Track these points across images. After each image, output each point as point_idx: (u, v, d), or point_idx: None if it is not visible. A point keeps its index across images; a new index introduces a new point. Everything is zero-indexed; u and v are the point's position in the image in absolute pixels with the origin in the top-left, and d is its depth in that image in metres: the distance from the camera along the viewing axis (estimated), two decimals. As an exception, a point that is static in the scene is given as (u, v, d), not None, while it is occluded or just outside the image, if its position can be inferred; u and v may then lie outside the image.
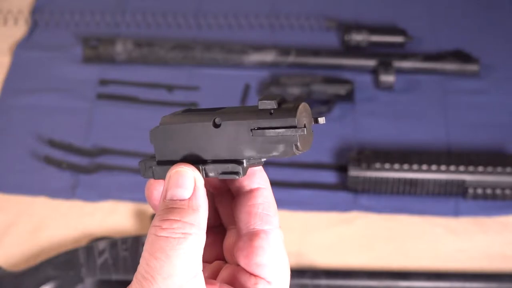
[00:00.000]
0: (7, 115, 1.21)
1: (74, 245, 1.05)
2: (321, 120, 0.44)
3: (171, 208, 0.43)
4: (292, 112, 0.43)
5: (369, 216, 1.09)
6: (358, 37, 1.28)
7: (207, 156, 0.45)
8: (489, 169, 1.08)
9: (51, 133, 1.17)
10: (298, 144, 0.43)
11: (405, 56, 1.25)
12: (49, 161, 1.13)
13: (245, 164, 0.45)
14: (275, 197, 1.16)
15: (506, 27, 1.34)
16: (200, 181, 0.44)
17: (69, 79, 1.25)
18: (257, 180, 0.46)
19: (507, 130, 1.19)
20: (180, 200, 0.43)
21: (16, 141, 1.17)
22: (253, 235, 0.46)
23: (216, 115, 0.45)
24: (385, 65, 1.23)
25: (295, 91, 1.20)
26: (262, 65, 1.26)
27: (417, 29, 1.32)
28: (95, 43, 1.27)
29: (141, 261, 0.42)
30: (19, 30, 1.34)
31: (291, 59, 1.25)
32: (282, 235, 0.47)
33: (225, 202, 0.49)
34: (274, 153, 0.44)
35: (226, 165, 0.45)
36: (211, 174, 0.45)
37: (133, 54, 1.25)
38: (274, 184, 1.14)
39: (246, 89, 1.23)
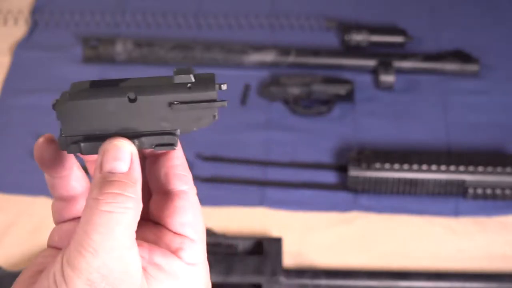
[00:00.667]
0: (7, 115, 1.21)
1: (74, 245, 1.05)
2: (223, 86, 0.45)
3: (111, 181, 0.43)
4: (210, 85, 0.45)
5: (369, 216, 1.09)
6: (358, 37, 1.28)
7: (123, 129, 0.46)
8: (489, 169, 1.08)
9: (51, 133, 1.17)
10: (216, 114, 0.45)
11: (405, 56, 1.25)
12: (49, 161, 1.13)
13: (178, 134, 0.46)
14: (275, 197, 1.16)
15: (506, 27, 1.34)
16: (136, 155, 0.45)
17: (69, 79, 1.24)
18: None
19: (507, 130, 1.19)
20: (120, 173, 0.43)
21: (16, 141, 1.17)
22: (174, 195, 0.47)
23: (129, 89, 0.45)
24: (385, 65, 1.23)
25: (295, 91, 1.20)
26: (262, 65, 1.26)
27: (417, 29, 1.32)
28: (95, 43, 1.27)
29: (81, 233, 0.42)
30: (19, 30, 1.34)
31: (291, 59, 1.25)
32: (196, 191, 0.49)
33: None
34: (193, 124, 0.45)
35: (161, 137, 0.46)
36: (145, 147, 0.46)
37: (133, 54, 1.25)
38: (274, 184, 1.14)
39: (246, 89, 1.23)
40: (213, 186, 1.11)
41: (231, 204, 1.10)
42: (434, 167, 1.08)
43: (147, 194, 0.49)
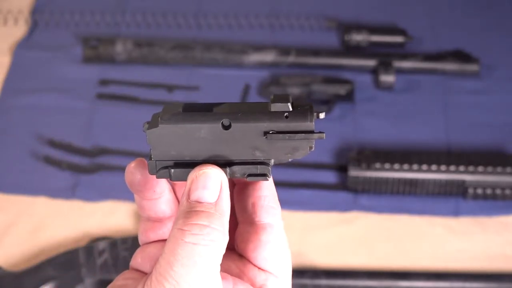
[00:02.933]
0: (7, 115, 1.21)
1: (74, 245, 1.05)
2: (322, 115, 0.44)
3: (198, 211, 0.41)
4: (308, 116, 0.43)
5: (369, 216, 1.09)
6: (358, 37, 1.28)
7: (214, 156, 0.44)
8: (489, 169, 1.08)
9: (51, 133, 1.17)
10: (313, 145, 0.44)
11: (405, 56, 1.25)
12: (49, 161, 1.13)
13: (272, 164, 0.44)
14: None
15: (506, 27, 1.34)
16: (226, 184, 0.43)
17: (69, 79, 1.25)
18: None
19: (507, 130, 1.19)
20: (207, 203, 0.42)
21: (16, 141, 1.17)
22: (259, 228, 0.45)
23: (223, 115, 0.43)
24: (385, 65, 1.23)
25: (295, 91, 1.20)
26: (262, 65, 1.26)
27: (417, 29, 1.32)
28: (95, 43, 1.27)
29: (163, 263, 0.41)
30: (19, 30, 1.34)
31: (291, 59, 1.25)
32: (283, 224, 0.47)
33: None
34: (288, 155, 0.44)
35: (255, 166, 0.44)
36: (237, 176, 0.44)
37: (133, 54, 1.25)
38: (275, 184, 1.14)
39: (246, 89, 1.23)
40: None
41: (231, 204, 1.10)
42: (434, 167, 1.08)
43: (233, 223, 0.47)
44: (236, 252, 0.47)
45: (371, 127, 1.19)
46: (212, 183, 0.42)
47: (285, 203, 1.10)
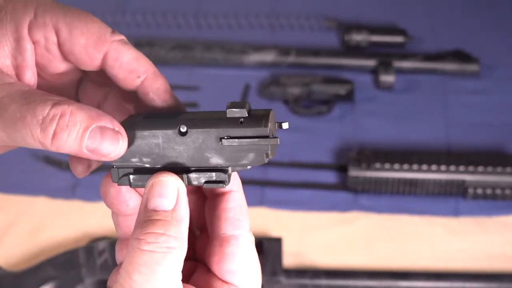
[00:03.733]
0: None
1: (74, 245, 1.05)
2: (285, 125, 0.44)
3: (154, 220, 0.41)
4: (263, 121, 0.43)
5: (369, 216, 1.09)
6: (358, 37, 1.28)
7: (173, 163, 0.44)
8: (489, 169, 1.08)
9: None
10: (269, 152, 0.43)
11: (405, 56, 1.25)
12: (49, 161, 1.13)
13: (229, 172, 0.44)
14: (274, 197, 1.15)
15: (506, 27, 1.34)
16: (183, 191, 0.43)
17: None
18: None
19: (507, 130, 1.19)
20: (163, 211, 0.42)
21: (16, 141, 1.17)
22: (223, 240, 0.45)
23: (181, 122, 0.44)
24: (385, 65, 1.23)
25: (295, 91, 1.20)
26: (262, 65, 1.26)
27: (417, 29, 1.32)
28: (95, 43, 1.26)
29: (123, 273, 0.41)
30: (19, 30, 1.34)
31: (291, 59, 1.25)
32: (253, 238, 0.46)
33: (195, 202, 0.49)
34: (244, 162, 0.43)
35: (211, 173, 0.44)
36: (194, 183, 0.44)
37: (133, 54, 1.25)
38: (274, 184, 1.14)
39: (246, 89, 1.23)
40: (213, 186, 1.11)
41: (231, 204, 1.10)
42: (434, 167, 1.08)
43: (207, 236, 0.47)
44: (207, 266, 0.47)
45: (371, 127, 1.19)
46: (168, 191, 0.42)
47: (285, 203, 1.10)
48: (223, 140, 0.43)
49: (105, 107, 0.48)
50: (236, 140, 0.43)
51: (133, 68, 0.45)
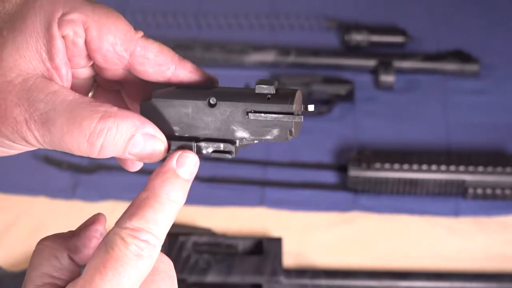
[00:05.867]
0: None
1: (74, 245, 1.05)
2: (310, 107, 0.45)
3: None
4: (290, 98, 0.45)
5: (369, 216, 1.09)
6: (358, 37, 1.28)
7: (199, 133, 0.46)
8: (489, 169, 1.08)
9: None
10: (293, 129, 0.45)
11: (405, 56, 1.25)
12: (49, 161, 1.13)
13: (237, 144, 0.46)
14: (274, 197, 1.15)
15: (506, 27, 1.34)
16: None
17: (69, 79, 1.25)
18: None
19: (507, 130, 1.19)
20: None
21: (16, 141, 1.17)
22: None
23: (211, 94, 0.46)
24: (385, 65, 1.23)
25: (295, 91, 1.20)
26: (262, 65, 1.26)
27: (417, 29, 1.32)
28: (95, 43, 1.26)
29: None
30: (19, 30, 1.34)
31: (291, 59, 1.25)
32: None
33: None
34: (268, 137, 0.45)
35: (219, 143, 0.46)
36: (203, 152, 0.46)
37: (133, 54, 1.25)
38: (274, 184, 1.14)
39: (246, 89, 1.23)
40: (213, 186, 1.11)
41: (231, 204, 1.10)
42: (434, 167, 1.08)
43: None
44: None
45: (371, 127, 1.19)
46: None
47: (285, 203, 1.10)
48: (249, 114, 0.45)
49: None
50: (262, 114, 0.45)
51: (161, 61, 0.46)
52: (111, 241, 0.43)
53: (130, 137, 0.43)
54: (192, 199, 1.10)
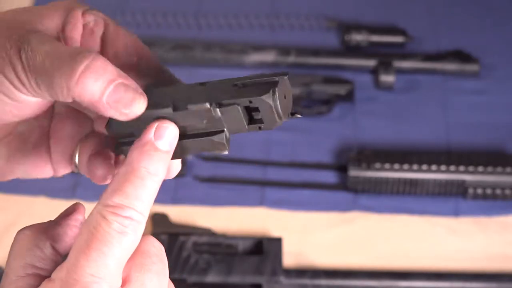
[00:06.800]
0: (7, 115, 1.21)
1: (74, 245, 1.05)
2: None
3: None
4: (276, 77, 0.44)
5: (369, 216, 1.09)
6: (358, 37, 1.28)
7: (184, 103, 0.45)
8: (489, 169, 1.08)
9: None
10: (280, 112, 0.45)
11: (405, 56, 1.25)
12: (49, 161, 1.13)
13: (228, 136, 0.46)
14: (274, 197, 1.14)
15: (506, 27, 1.34)
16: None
17: (69, 79, 1.25)
18: None
19: (507, 130, 1.19)
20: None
21: (16, 141, 1.17)
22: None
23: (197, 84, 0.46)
24: (385, 65, 1.23)
25: (295, 91, 1.20)
26: (262, 65, 1.26)
27: (417, 29, 1.32)
28: (95, 43, 1.26)
29: None
30: (19, 30, 1.34)
31: (291, 59, 1.26)
32: None
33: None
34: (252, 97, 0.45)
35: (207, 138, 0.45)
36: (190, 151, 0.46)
37: (133, 54, 1.25)
38: (274, 184, 1.14)
39: (246, 89, 1.23)
40: (213, 186, 1.11)
41: (231, 204, 1.10)
42: (434, 167, 1.08)
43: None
44: None
45: (371, 127, 1.19)
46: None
47: (285, 203, 1.10)
48: (237, 83, 0.45)
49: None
50: (249, 81, 0.44)
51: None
52: (93, 221, 0.42)
53: (111, 80, 0.42)
54: (192, 199, 1.11)
